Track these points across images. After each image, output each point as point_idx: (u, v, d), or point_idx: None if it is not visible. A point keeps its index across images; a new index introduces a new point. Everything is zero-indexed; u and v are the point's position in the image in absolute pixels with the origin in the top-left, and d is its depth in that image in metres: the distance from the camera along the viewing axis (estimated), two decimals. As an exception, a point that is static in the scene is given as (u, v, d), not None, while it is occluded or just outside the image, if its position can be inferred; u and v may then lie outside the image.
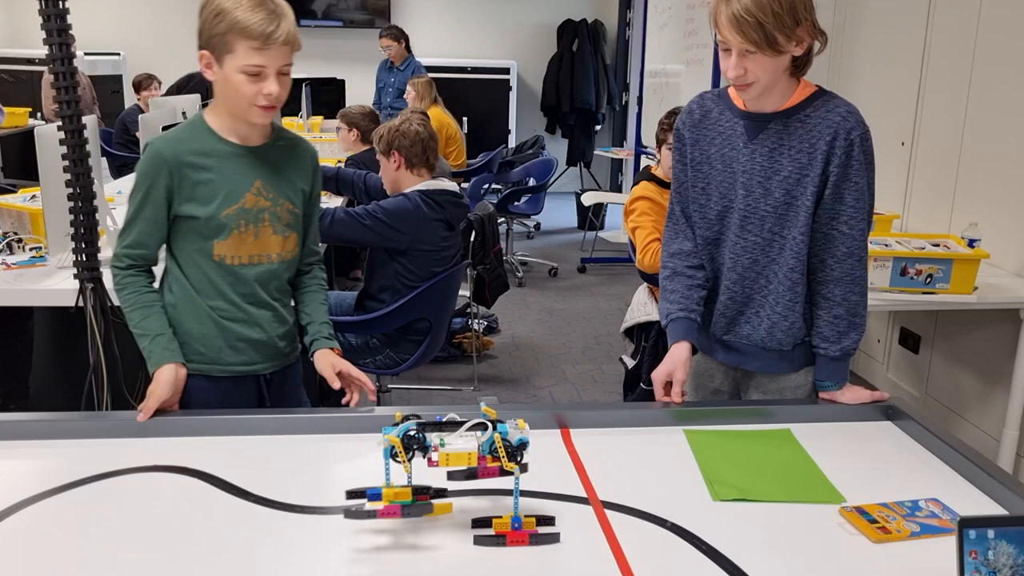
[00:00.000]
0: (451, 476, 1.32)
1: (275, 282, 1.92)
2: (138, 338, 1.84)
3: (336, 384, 1.90)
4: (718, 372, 2.05)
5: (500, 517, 1.34)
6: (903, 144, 4.01)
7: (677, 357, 1.88)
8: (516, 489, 1.33)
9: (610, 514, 1.43)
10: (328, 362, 1.92)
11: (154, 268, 1.91)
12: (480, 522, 1.36)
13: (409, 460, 1.31)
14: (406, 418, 1.34)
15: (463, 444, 1.31)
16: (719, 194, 1.90)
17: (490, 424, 1.31)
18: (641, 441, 1.71)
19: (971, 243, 3.12)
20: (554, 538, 1.33)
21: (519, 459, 1.30)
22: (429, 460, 1.31)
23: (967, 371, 3.60)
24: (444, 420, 1.34)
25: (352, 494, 1.34)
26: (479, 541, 1.32)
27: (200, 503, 1.44)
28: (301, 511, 1.41)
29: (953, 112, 3.66)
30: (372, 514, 1.32)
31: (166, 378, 1.78)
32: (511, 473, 1.32)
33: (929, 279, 3.01)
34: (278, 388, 2.00)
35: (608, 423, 1.77)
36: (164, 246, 1.90)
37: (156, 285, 1.91)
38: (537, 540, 1.32)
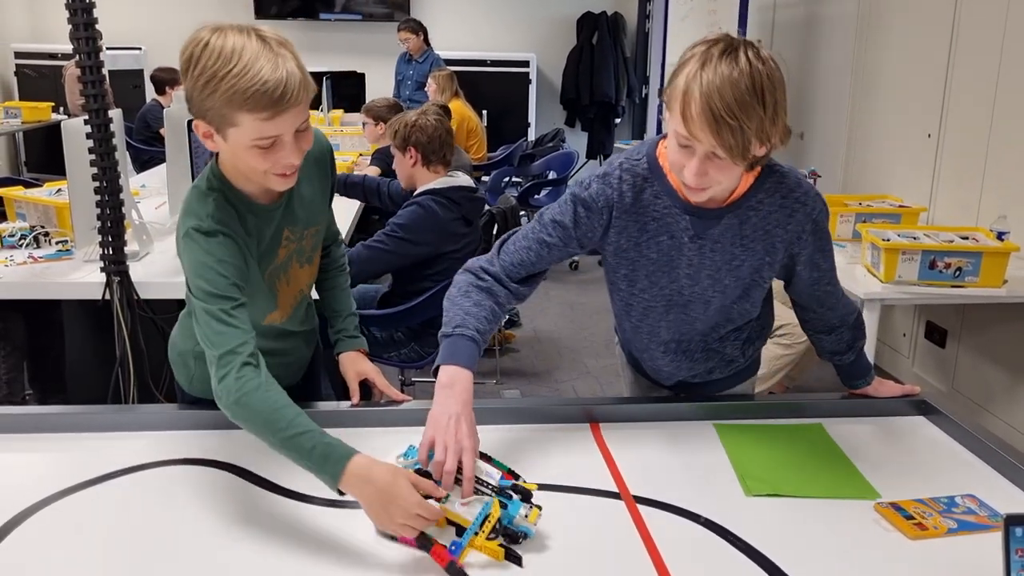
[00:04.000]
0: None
1: (301, 307, 1.78)
2: (299, 437, 1.33)
3: (356, 397, 1.76)
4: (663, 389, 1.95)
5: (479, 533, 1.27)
6: (929, 136, 3.96)
7: (463, 399, 1.45)
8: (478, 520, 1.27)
9: (642, 509, 1.42)
10: (354, 370, 1.81)
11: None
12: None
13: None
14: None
15: (467, 508, 1.30)
16: (650, 282, 1.69)
17: (495, 497, 1.30)
18: (671, 436, 1.70)
19: (1000, 236, 3.08)
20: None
21: (513, 542, 1.27)
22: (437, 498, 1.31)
23: (994, 365, 3.56)
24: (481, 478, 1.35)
25: None
26: (419, 542, 1.26)
27: (230, 496, 1.44)
28: (330, 505, 1.41)
29: (981, 102, 3.61)
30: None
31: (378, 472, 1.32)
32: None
33: (958, 272, 2.97)
34: (299, 388, 1.84)
35: (638, 417, 1.75)
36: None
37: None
38: (451, 571, 1.22)
